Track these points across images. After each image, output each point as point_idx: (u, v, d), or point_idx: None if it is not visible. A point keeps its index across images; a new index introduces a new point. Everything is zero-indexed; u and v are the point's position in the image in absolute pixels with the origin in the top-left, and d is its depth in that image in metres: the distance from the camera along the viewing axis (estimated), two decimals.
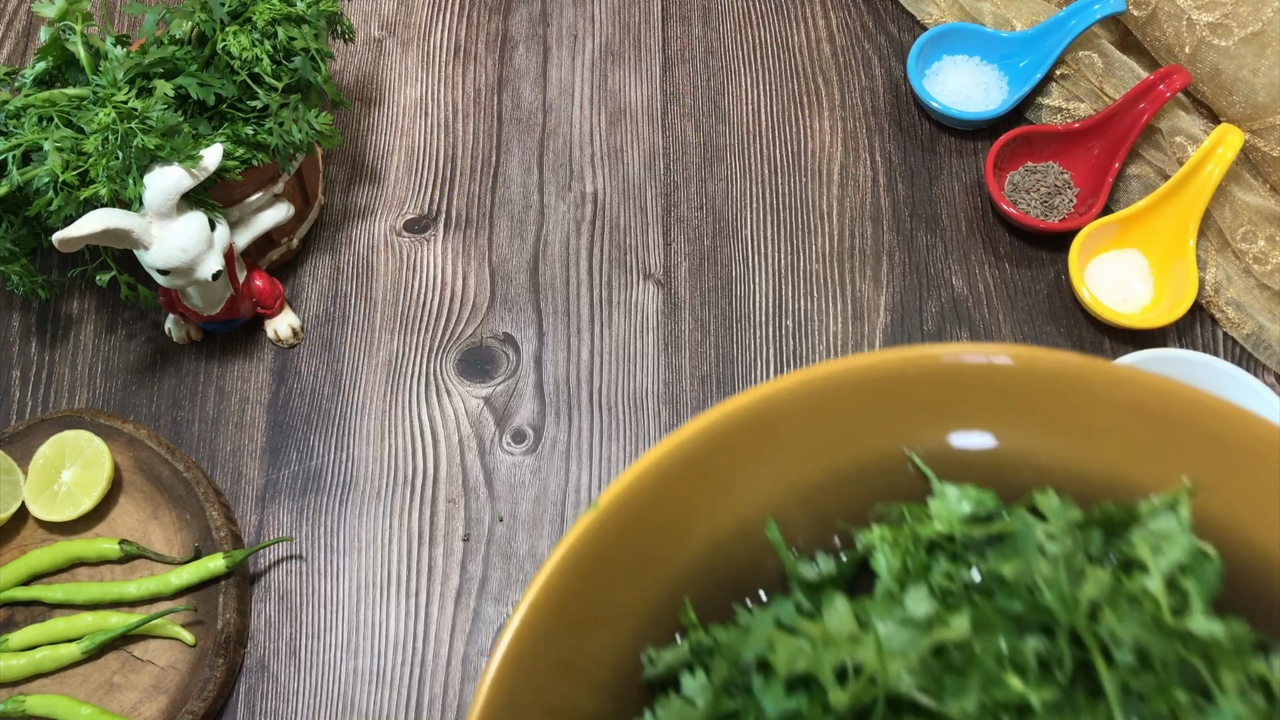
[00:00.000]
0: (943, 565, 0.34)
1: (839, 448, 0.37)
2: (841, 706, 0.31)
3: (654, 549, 0.36)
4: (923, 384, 0.37)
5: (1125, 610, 0.31)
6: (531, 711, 0.33)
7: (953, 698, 0.30)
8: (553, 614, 0.34)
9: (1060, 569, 0.32)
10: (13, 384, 0.71)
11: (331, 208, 0.77)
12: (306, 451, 0.69)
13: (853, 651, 0.32)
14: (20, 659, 0.59)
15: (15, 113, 0.59)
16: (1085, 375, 0.36)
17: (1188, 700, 0.30)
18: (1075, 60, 0.79)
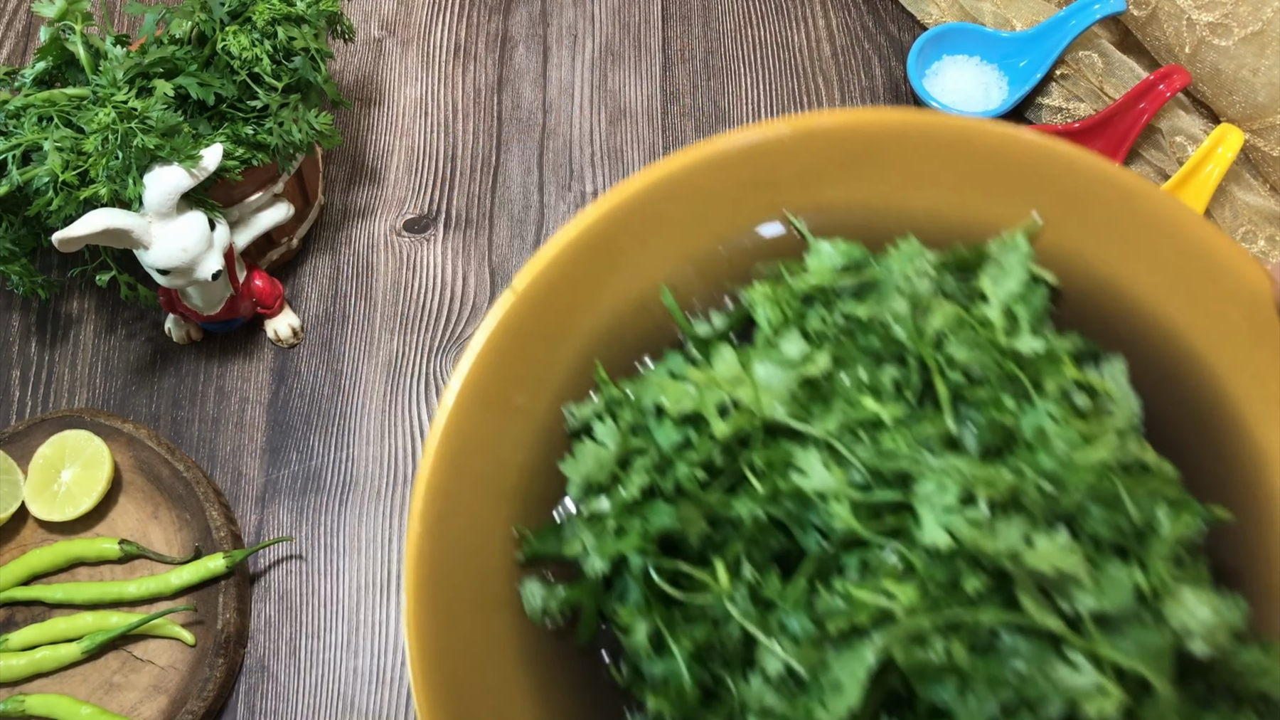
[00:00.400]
0: (817, 312, 0.39)
1: (724, 218, 0.42)
2: (724, 436, 0.36)
3: (568, 321, 0.41)
4: (796, 151, 0.42)
5: (965, 335, 0.36)
6: (476, 458, 0.39)
7: (818, 421, 0.35)
8: (487, 380, 0.40)
9: (908, 306, 0.37)
10: (13, 384, 0.71)
11: (331, 208, 0.77)
12: (306, 451, 0.69)
13: (734, 391, 0.37)
14: (20, 659, 0.59)
15: (15, 113, 0.59)
16: (940, 130, 0.41)
17: (1013, 404, 0.35)
18: (1075, 60, 0.79)
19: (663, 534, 0.37)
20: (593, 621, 0.40)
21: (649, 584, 0.37)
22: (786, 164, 0.42)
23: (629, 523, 0.37)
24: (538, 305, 0.41)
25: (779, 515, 0.35)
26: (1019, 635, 0.32)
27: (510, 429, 0.41)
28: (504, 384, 0.40)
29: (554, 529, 0.40)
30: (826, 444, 0.35)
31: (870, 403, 0.35)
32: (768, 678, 0.34)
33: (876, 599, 0.33)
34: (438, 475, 0.39)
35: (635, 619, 0.38)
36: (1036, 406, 0.35)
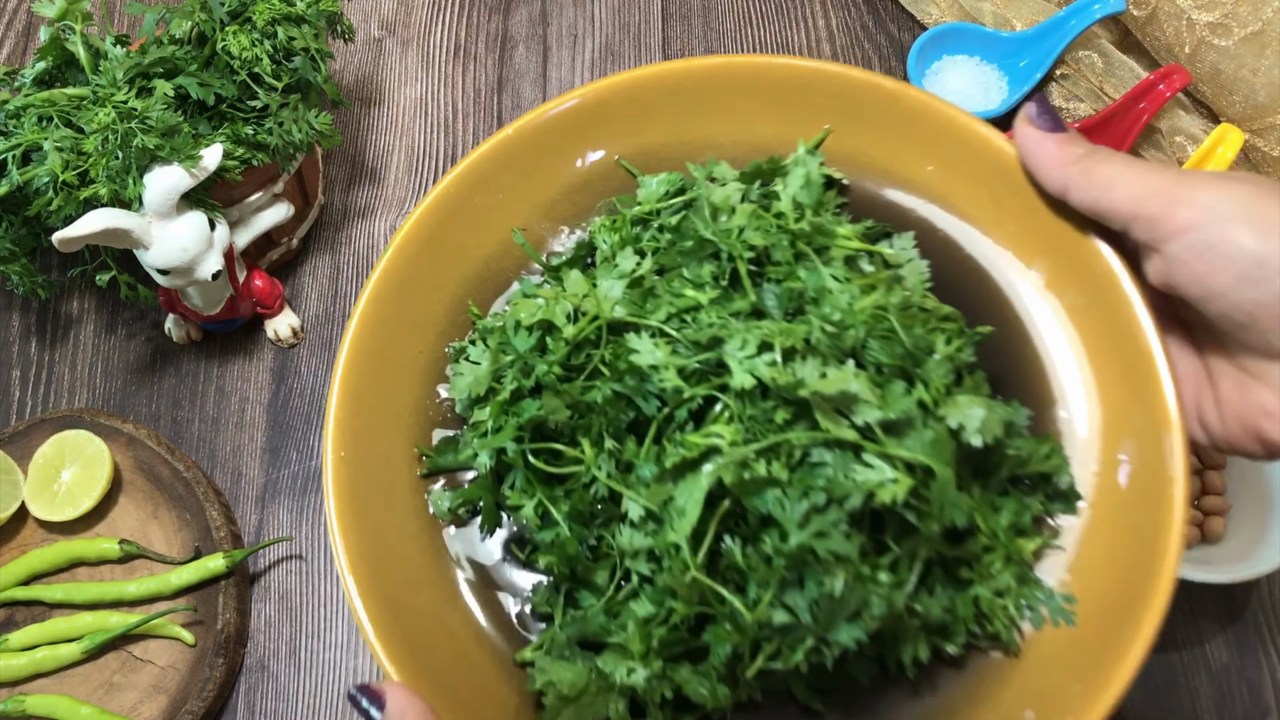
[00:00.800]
0: (648, 232, 0.48)
1: (566, 167, 0.51)
2: (572, 336, 0.44)
3: (442, 270, 0.49)
4: (619, 104, 0.50)
5: (760, 225, 0.45)
6: (376, 394, 0.47)
7: (650, 315, 0.44)
8: (377, 327, 0.47)
9: (712, 211, 0.46)
10: (13, 384, 0.71)
11: (331, 208, 0.77)
12: (306, 451, 0.69)
13: (579, 301, 0.45)
14: (20, 659, 0.59)
15: (15, 113, 0.59)
16: (736, 69, 0.50)
17: (804, 274, 0.44)
18: (1075, 60, 0.79)
19: (534, 423, 0.44)
20: (492, 513, 0.46)
21: (529, 467, 0.45)
22: (613, 115, 0.51)
23: (505, 420, 0.45)
24: (412, 261, 0.48)
25: (625, 391, 0.43)
26: (824, 449, 0.39)
27: (401, 366, 0.48)
28: (392, 329, 0.48)
29: (449, 443, 0.47)
30: (658, 330, 0.43)
31: (690, 292, 0.44)
32: (633, 522, 0.42)
33: (706, 439, 0.40)
34: (342, 411, 0.46)
35: (521, 498, 0.45)
36: (820, 271, 0.44)
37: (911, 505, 0.39)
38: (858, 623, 0.39)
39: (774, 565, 0.39)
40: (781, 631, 0.39)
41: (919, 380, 0.41)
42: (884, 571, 0.39)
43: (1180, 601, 0.65)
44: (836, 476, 0.39)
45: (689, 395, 0.41)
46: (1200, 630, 0.64)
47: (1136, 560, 0.41)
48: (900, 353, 0.42)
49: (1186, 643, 0.64)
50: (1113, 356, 0.43)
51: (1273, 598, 0.65)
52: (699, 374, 0.42)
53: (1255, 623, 0.64)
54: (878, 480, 0.39)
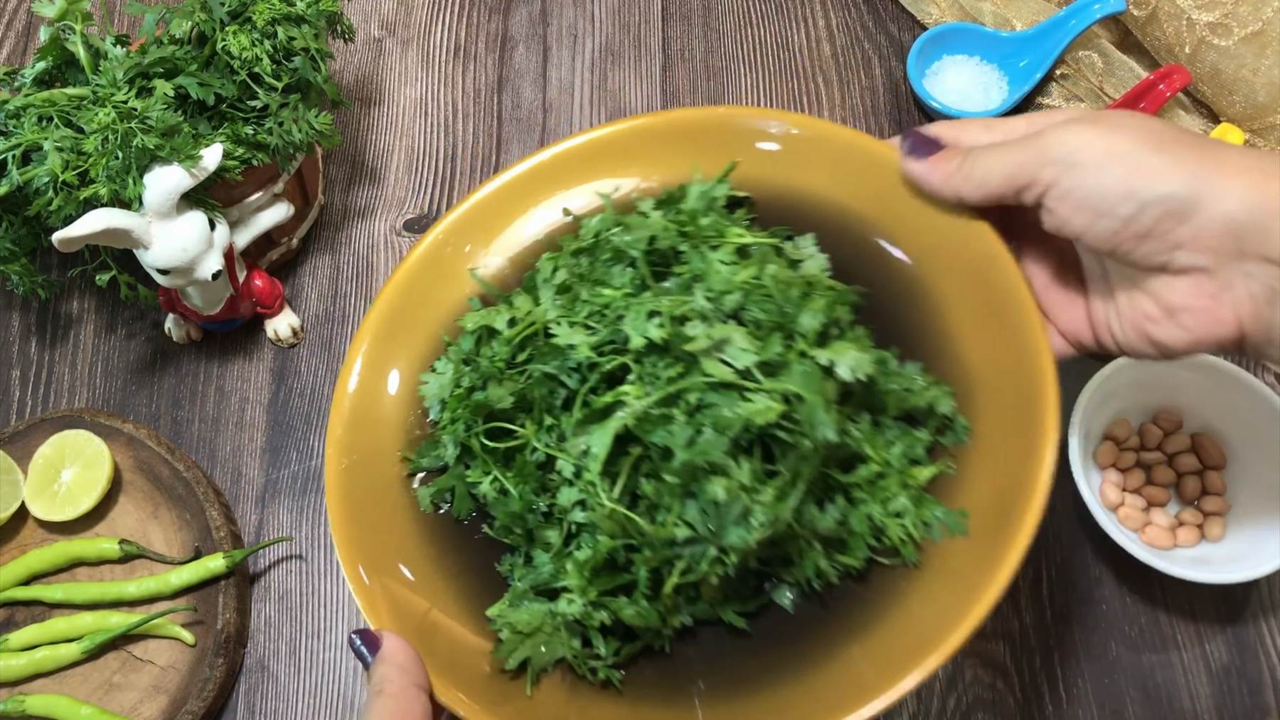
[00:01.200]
0: (582, 259, 0.56)
1: (524, 225, 0.61)
2: (511, 336, 0.53)
3: (421, 313, 0.58)
4: (561, 169, 0.61)
5: (667, 233, 0.54)
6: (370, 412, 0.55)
7: (577, 315, 0.51)
8: (371, 358, 0.57)
9: (634, 230, 0.54)
10: (13, 384, 0.71)
11: (331, 208, 0.77)
12: (306, 451, 0.69)
13: (519, 313, 0.54)
14: (20, 659, 0.59)
15: (15, 113, 0.59)
16: (660, 126, 0.61)
17: (695, 260, 0.52)
18: (1075, 60, 0.79)
19: (484, 410, 0.52)
20: (464, 499, 0.54)
21: (485, 449, 0.52)
22: (562, 170, 0.61)
23: (462, 412, 0.53)
24: (397, 308, 0.58)
25: (552, 370, 0.50)
26: (713, 393, 0.47)
27: (389, 389, 0.57)
28: (382, 359, 0.57)
29: (428, 446, 0.55)
30: (582, 323, 0.51)
31: (607, 291, 0.52)
32: (567, 480, 0.49)
33: (614, 397, 0.48)
34: (337, 427, 0.55)
35: (480, 476, 0.53)
36: (707, 257, 0.53)
37: (786, 427, 0.46)
38: (744, 525, 0.45)
39: (669, 484, 0.46)
40: (686, 545, 0.46)
41: (794, 333, 0.49)
42: (770, 487, 0.46)
43: (1180, 601, 0.65)
44: (720, 411, 0.46)
45: (600, 364, 0.50)
46: (1200, 630, 0.64)
47: (1020, 467, 0.48)
48: (774, 310, 0.49)
49: (1186, 643, 0.64)
50: (987, 308, 0.52)
51: (1273, 598, 0.65)
52: (610, 347, 0.50)
53: (1255, 623, 0.64)
54: (755, 410, 0.46)
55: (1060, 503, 0.68)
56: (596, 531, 0.48)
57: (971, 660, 0.63)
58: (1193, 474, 0.66)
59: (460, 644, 0.50)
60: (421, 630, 0.49)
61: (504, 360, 0.53)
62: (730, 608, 0.49)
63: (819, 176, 0.58)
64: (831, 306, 0.50)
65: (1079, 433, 0.62)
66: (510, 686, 0.49)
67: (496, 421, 0.52)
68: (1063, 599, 0.65)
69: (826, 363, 0.48)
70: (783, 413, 0.46)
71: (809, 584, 0.49)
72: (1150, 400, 0.67)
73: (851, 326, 0.52)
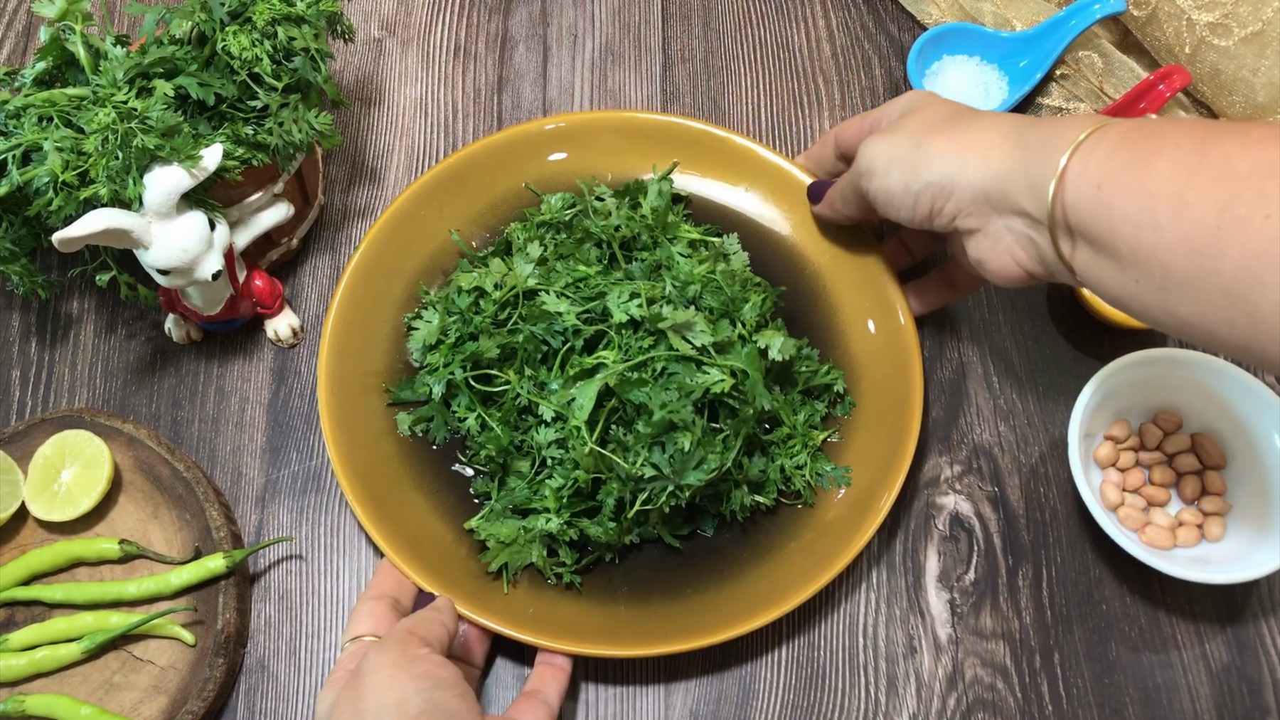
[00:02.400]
0: (549, 233, 0.69)
1: (488, 189, 0.73)
2: (498, 297, 0.64)
3: (400, 262, 0.70)
4: (524, 143, 0.73)
5: (630, 222, 0.68)
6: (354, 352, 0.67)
7: (554, 284, 0.64)
8: (352, 302, 0.68)
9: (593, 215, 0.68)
10: (13, 384, 0.71)
11: (331, 208, 0.77)
12: (306, 451, 0.69)
13: (500, 278, 0.66)
14: (20, 659, 0.59)
15: (15, 113, 0.59)
16: (610, 121, 0.74)
17: (660, 250, 0.67)
18: (1075, 60, 0.79)
19: (474, 358, 0.63)
20: (441, 428, 0.65)
21: (471, 389, 0.64)
22: (524, 150, 0.73)
23: (453, 358, 0.64)
24: (375, 257, 0.69)
25: (540, 333, 0.62)
26: (676, 363, 0.60)
27: (371, 330, 0.68)
28: (363, 305, 0.68)
29: (406, 382, 0.66)
30: (561, 292, 0.63)
31: (582, 267, 0.65)
32: (545, 422, 0.61)
33: (596, 359, 0.61)
34: (330, 361, 0.65)
35: (466, 413, 0.64)
36: (670, 248, 0.67)
37: (734, 396, 0.60)
38: (700, 470, 0.58)
39: (643, 434, 0.58)
40: (651, 481, 0.58)
41: (737, 320, 0.63)
42: (718, 441, 0.59)
43: (1180, 601, 0.65)
44: (684, 379, 0.59)
45: (584, 330, 0.62)
46: (1200, 630, 0.64)
47: (892, 436, 0.64)
48: (724, 300, 0.63)
49: (1186, 643, 0.64)
50: (873, 311, 0.69)
51: (1273, 598, 0.65)
52: (590, 317, 0.62)
53: (1255, 623, 0.64)
54: (712, 379, 0.59)
55: (1060, 503, 0.68)
56: (573, 466, 0.60)
57: (971, 660, 0.63)
58: (1193, 474, 0.66)
59: (444, 550, 0.62)
60: (413, 538, 0.61)
61: (490, 318, 0.64)
62: (669, 531, 0.63)
63: (739, 183, 0.73)
64: (765, 301, 0.66)
65: (1079, 433, 0.62)
66: (490, 587, 0.61)
67: (481, 369, 0.63)
68: (1063, 599, 0.65)
69: (763, 346, 0.62)
70: (732, 385, 0.59)
71: (733, 516, 0.63)
72: (1150, 400, 0.67)
73: (773, 318, 0.67)
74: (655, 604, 0.61)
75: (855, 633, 0.64)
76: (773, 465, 0.63)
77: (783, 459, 0.64)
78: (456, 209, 0.71)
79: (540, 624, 0.59)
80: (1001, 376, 0.71)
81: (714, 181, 0.73)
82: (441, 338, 0.65)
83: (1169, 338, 0.73)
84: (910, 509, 0.67)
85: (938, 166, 0.55)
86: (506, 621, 0.59)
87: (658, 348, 0.60)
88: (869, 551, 0.66)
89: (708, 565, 0.63)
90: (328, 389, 0.64)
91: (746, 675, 0.63)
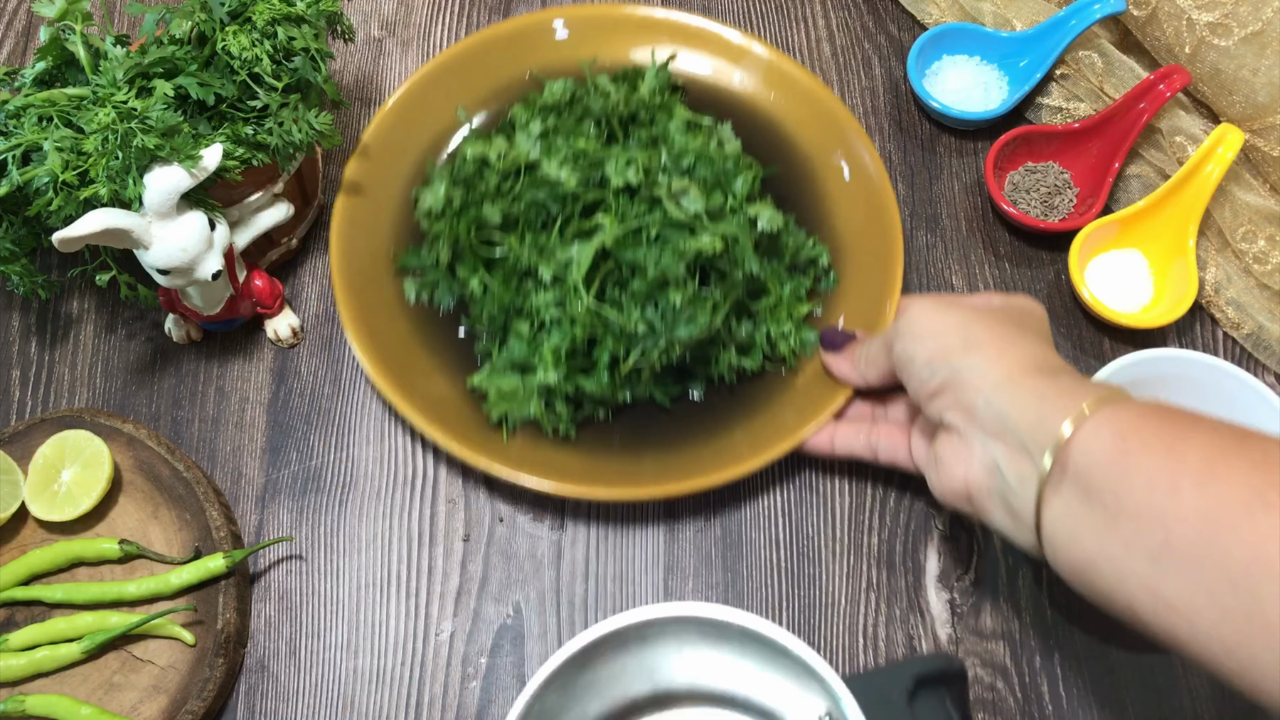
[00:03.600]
0: (550, 114, 0.71)
1: (494, 76, 0.77)
2: (504, 167, 0.67)
3: (408, 140, 0.74)
4: (530, 34, 0.78)
5: (629, 99, 0.72)
6: (365, 222, 0.71)
7: (556, 156, 0.67)
8: (362, 174, 0.72)
9: (602, 98, 0.72)
10: (13, 384, 0.71)
11: (331, 208, 0.76)
12: (306, 451, 0.69)
13: (504, 149, 0.68)
14: (20, 659, 0.59)
15: (15, 113, 0.59)
16: (611, 13, 0.79)
17: (658, 125, 0.71)
18: (1075, 60, 0.79)
19: (478, 222, 0.66)
20: (445, 294, 0.69)
21: (475, 254, 0.67)
22: (531, 40, 0.78)
23: (459, 222, 0.67)
24: (386, 135, 0.73)
25: (541, 199, 0.65)
26: (670, 229, 0.63)
27: (380, 205, 0.72)
28: (374, 175, 0.72)
29: (414, 250, 0.71)
30: (561, 163, 0.66)
31: (581, 142, 0.67)
32: (544, 284, 0.64)
33: (594, 223, 0.64)
34: (341, 229, 0.69)
35: (469, 274, 0.67)
36: (665, 123, 0.71)
37: (724, 259, 0.63)
38: (691, 325, 0.61)
39: (637, 292, 0.62)
40: (644, 337, 0.62)
41: (729, 192, 0.67)
42: (708, 301, 0.62)
43: None
44: (678, 241, 0.62)
45: (583, 196, 0.65)
46: None
47: (871, 311, 0.69)
48: (717, 172, 0.67)
49: None
50: (860, 196, 0.73)
51: None
52: (589, 184, 0.65)
53: None
54: (703, 244, 0.62)
55: None
56: (570, 325, 0.63)
57: (971, 660, 0.63)
58: None
59: (449, 403, 0.66)
60: (421, 393, 0.65)
61: (494, 186, 0.67)
62: (659, 391, 0.66)
63: (747, 81, 0.78)
64: (756, 178, 0.69)
65: None
66: (491, 436, 0.65)
67: (484, 233, 0.67)
68: (1063, 599, 0.65)
69: (753, 216, 0.66)
70: (722, 249, 0.62)
71: (720, 381, 0.68)
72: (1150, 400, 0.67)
73: (763, 195, 0.70)
74: (647, 455, 0.65)
75: (855, 633, 0.64)
76: (759, 330, 0.67)
77: (769, 325, 0.67)
78: (463, 93, 0.76)
79: (537, 467, 0.63)
80: None
81: (710, 63, 0.78)
82: (447, 206, 0.68)
83: (1169, 338, 0.73)
84: (910, 509, 0.67)
85: (973, 359, 0.53)
86: (505, 464, 0.62)
87: (653, 214, 0.63)
88: (869, 551, 0.66)
89: (696, 422, 0.67)
90: (339, 253, 0.68)
91: None
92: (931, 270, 0.75)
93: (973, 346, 0.54)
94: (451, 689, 0.62)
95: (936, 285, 0.74)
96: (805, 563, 0.66)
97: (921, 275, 0.75)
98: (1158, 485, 0.44)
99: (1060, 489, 0.48)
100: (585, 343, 0.63)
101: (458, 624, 0.64)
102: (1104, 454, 0.46)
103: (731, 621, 0.50)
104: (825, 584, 0.65)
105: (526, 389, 0.64)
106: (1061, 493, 0.48)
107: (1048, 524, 0.49)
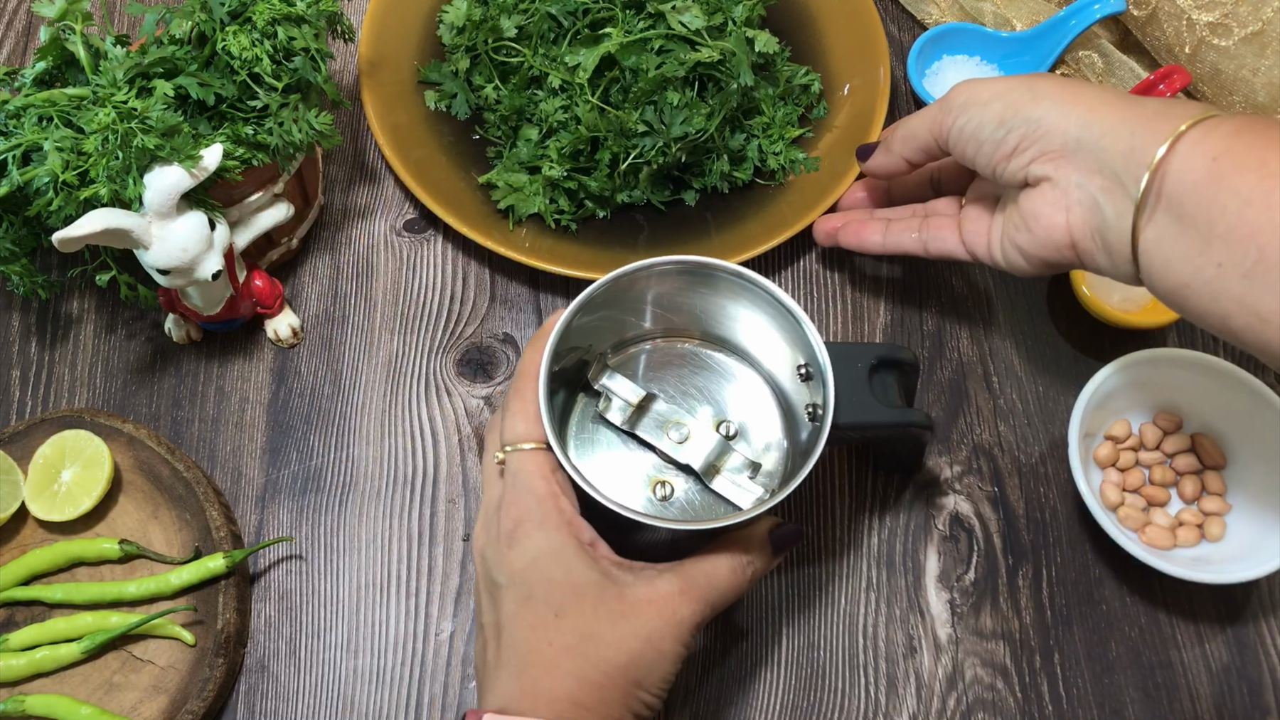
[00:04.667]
0: None
1: None
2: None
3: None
4: None
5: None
6: (393, 34, 0.78)
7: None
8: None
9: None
10: (13, 384, 0.71)
11: (331, 208, 0.77)
12: (306, 451, 0.69)
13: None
14: (20, 659, 0.59)
15: (15, 113, 0.59)
16: None
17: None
18: (1075, 60, 0.79)
19: (495, 32, 0.73)
20: (463, 104, 0.76)
21: (491, 62, 0.74)
22: None
23: (477, 34, 0.74)
24: None
25: (554, 12, 0.71)
26: (672, 41, 0.69)
27: (406, 24, 0.78)
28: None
29: (435, 65, 0.77)
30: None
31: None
32: (554, 90, 0.71)
33: (602, 32, 0.70)
34: (369, 40, 0.77)
35: (485, 81, 0.75)
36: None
37: (720, 70, 0.69)
38: (686, 125, 0.68)
39: (638, 93, 0.67)
40: (643, 136, 0.68)
41: (729, 16, 0.72)
42: (704, 107, 0.68)
43: (1180, 601, 0.65)
44: (678, 52, 0.68)
45: (592, 10, 0.71)
46: (1200, 630, 0.64)
47: (858, 136, 0.74)
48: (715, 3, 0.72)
49: (1186, 643, 0.64)
50: (853, 38, 0.79)
51: (1273, 598, 0.65)
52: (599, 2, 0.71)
53: (1255, 623, 0.64)
54: (702, 56, 0.68)
55: (1060, 503, 0.68)
56: (575, 124, 0.69)
57: (971, 660, 0.63)
58: (1193, 474, 0.66)
59: (461, 195, 0.72)
60: (436, 185, 0.72)
61: (511, 2, 0.73)
62: (655, 194, 0.72)
63: None
64: (756, 6, 0.75)
65: (1079, 432, 0.62)
66: (499, 224, 0.71)
67: (500, 44, 0.73)
68: (1063, 599, 0.65)
69: (750, 36, 0.72)
70: (719, 60, 0.68)
71: (714, 191, 0.74)
72: (1150, 400, 0.67)
73: (762, 27, 0.75)
74: (643, 250, 0.71)
75: (855, 633, 0.64)
76: (751, 145, 0.73)
77: (761, 141, 0.74)
78: None
79: (539, 253, 0.70)
80: (1001, 376, 0.71)
81: None
82: (468, 20, 0.75)
83: (1169, 338, 0.73)
84: (910, 509, 0.67)
85: (1046, 106, 0.53)
86: (510, 248, 0.69)
87: (656, 28, 0.70)
88: (869, 551, 0.66)
89: (689, 226, 0.73)
90: (368, 62, 0.75)
91: (746, 675, 0.63)
92: (931, 270, 0.75)
93: (1041, 95, 0.54)
94: (451, 689, 0.62)
95: (936, 284, 0.74)
96: (805, 563, 0.66)
97: (922, 275, 0.75)
98: (1252, 202, 0.45)
99: (1155, 216, 0.49)
100: (589, 142, 0.69)
101: (458, 624, 0.64)
102: (1196, 177, 0.47)
103: (729, 269, 0.56)
104: (825, 584, 0.65)
105: (533, 185, 0.71)
106: (1156, 220, 0.49)
107: (1143, 251, 0.50)
